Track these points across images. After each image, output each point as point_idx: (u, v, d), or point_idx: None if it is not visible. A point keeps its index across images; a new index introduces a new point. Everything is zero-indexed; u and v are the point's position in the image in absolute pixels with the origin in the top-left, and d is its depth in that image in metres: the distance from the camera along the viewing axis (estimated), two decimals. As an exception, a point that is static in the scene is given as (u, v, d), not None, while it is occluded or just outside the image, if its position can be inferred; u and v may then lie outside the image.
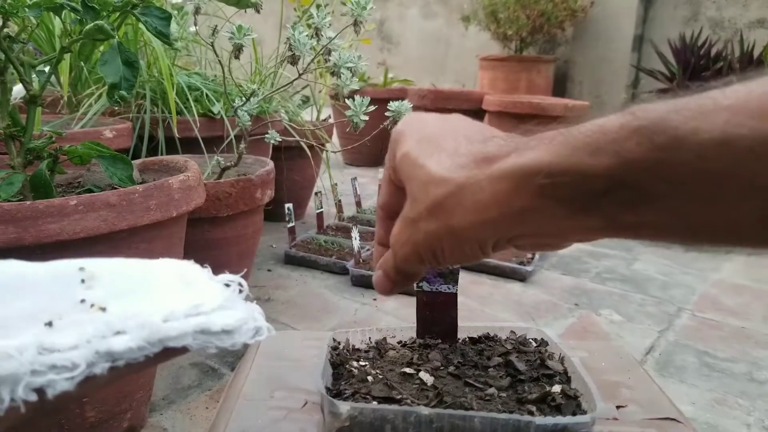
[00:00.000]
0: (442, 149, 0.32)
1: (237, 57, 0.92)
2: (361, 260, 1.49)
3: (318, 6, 0.90)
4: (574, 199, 0.26)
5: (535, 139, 0.28)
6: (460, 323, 0.51)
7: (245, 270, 0.30)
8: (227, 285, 0.29)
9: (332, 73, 0.95)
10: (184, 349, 0.25)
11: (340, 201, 1.88)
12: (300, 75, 0.99)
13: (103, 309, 0.26)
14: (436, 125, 0.35)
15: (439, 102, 2.75)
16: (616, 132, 0.25)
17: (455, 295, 0.50)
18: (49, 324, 0.23)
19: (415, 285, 0.50)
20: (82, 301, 0.26)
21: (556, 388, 0.43)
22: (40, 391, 0.20)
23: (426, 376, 0.45)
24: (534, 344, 0.51)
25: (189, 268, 0.31)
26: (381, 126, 1.01)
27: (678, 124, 0.23)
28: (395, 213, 0.36)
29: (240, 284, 0.29)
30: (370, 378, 0.44)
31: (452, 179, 0.30)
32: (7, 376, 0.20)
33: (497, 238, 0.30)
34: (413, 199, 0.32)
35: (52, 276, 0.28)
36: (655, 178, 0.24)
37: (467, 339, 0.52)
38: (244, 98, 1.05)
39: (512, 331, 0.54)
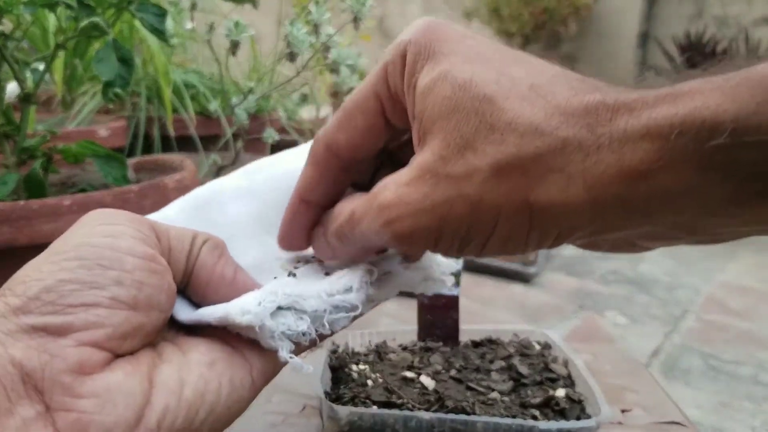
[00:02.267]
0: (519, 80, 0.21)
1: (234, 54, 0.91)
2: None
3: (317, 2, 0.89)
4: (760, 176, 0.17)
5: (694, 84, 0.19)
6: (461, 326, 0.51)
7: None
8: None
9: (331, 71, 0.94)
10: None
11: (340, 201, 1.88)
12: (299, 72, 0.98)
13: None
14: (490, 46, 0.23)
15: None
16: None
17: (457, 297, 0.50)
18: (293, 275, 0.27)
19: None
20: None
21: (560, 392, 0.43)
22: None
23: (427, 380, 0.44)
24: (537, 347, 0.51)
25: None
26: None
27: None
28: (360, 162, 0.26)
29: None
30: (369, 382, 0.44)
31: (550, 130, 0.20)
32: (314, 313, 0.24)
33: (595, 229, 0.21)
34: (459, 146, 0.21)
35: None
36: None
37: (469, 342, 0.51)
38: (241, 96, 1.04)
39: (515, 334, 0.53)
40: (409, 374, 0.45)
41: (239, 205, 0.29)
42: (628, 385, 0.51)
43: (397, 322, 1.29)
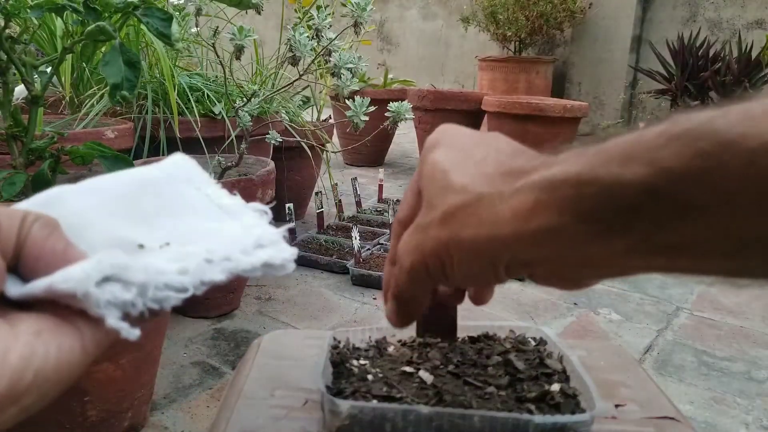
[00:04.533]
0: (469, 158, 0.30)
1: (238, 58, 0.92)
2: (361, 260, 1.49)
3: (318, 7, 0.90)
4: (601, 216, 0.23)
5: (566, 154, 0.26)
6: (459, 322, 0.51)
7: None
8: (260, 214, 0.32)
9: (332, 74, 0.95)
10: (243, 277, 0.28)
11: (340, 201, 1.89)
12: (300, 76, 1.00)
13: (167, 244, 0.28)
14: (472, 138, 0.33)
15: (438, 103, 2.75)
16: (653, 140, 0.22)
17: (455, 294, 0.50)
18: (141, 246, 0.28)
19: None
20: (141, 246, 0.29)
21: (555, 387, 0.43)
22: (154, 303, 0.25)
23: (425, 375, 0.45)
24: (533, 343, 0.52)
25: (222, 194, 0.33)
26: (381, 126, 1.01)
27: (724, 128, 0.21)
28: None
29: (266, 212, 0.32)
30: (370, 377, 0.45)
31: (472, 189, 0.28)
32: (142, 284, 0.24)
33: (510, 258, 0.28)
34: (428, 205, 0.31)
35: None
36: (697, 188, 0.21)
37: (466, 338, 0.52)
38: (245, 99, 1.05)
39: (511, 330, 0.54)
40: (408, 369, 0.46)
41: (81, 199, 0.29)
42: (622, 380, 0.52)
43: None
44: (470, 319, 0.51)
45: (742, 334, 1.29)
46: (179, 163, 0.34)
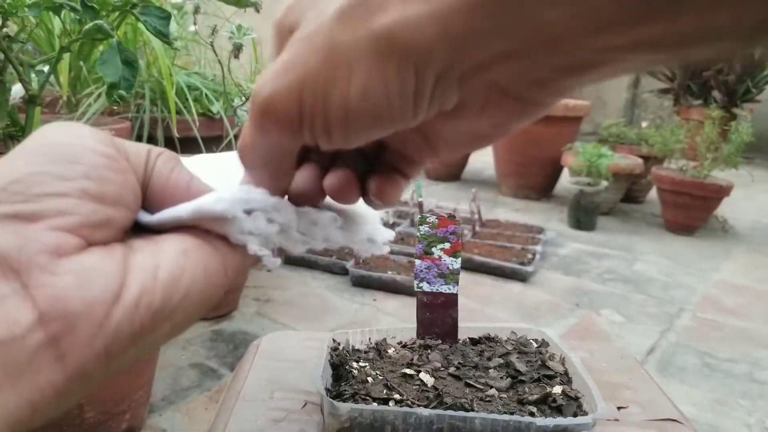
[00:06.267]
0: None
1: (237, 56, 0.92)
2: (361, 260, 1.49)
3: (318, 5, 0.89)
4: None
5: None
6: (460, 324, 0.51)
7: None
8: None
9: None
10: None
11: (340, 201, 1.89)
12: (300, 75, 0.99)
13: None
14: None
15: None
16: None
17: (455, 295, 0.50)
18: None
19: (415, 285, 0.50)
20: None
21: (557, 389, 0.43)
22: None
23: (426, 377, 0.44)
24: (535, 345, 0.51)
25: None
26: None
27: None
28: None
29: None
30: (370, 379, 0.44)
31: None
32: (284, 224, 0.26)
33: (454, 59, 0.18)
34: (309, 20, 0.21)
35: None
36: None
37: (467, 340, 0.52)
38: (243, 98, 1.05)
39: (513, 332, 0.53)
40: (409, 371, 0.45)
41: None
42: (625, 382, 0.51)
43: (396, 320, 1.30)
44: (471, 320, 0.51)
45: (745, 335, 1.29)
46: None
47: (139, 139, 1.21)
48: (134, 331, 0.21)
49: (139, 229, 0.25)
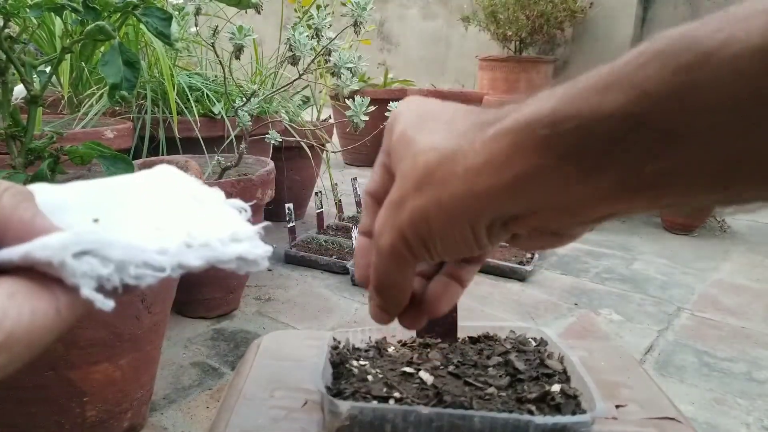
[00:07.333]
0: (435, 120, 0.29)
1: (238, 57, 0.92)
2: (361, 260, 1.49)
3: (318, 7, 0.90)
4: (583, 153, 0.22)
5: (541, 93, 0.24)
6: (459, 323, 0.51)
7: (245, 271, 0.31)
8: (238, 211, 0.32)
9: (332, 74, 0.95)
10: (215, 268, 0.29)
11: (340, 201, 1.89)
12: (300, 75, 1.00)
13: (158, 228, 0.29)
14: (437, 104, 0.31)
15: (439, 102, 2.76)
16: (632, 60, 0.20)
17: (455, 294, 0.50)
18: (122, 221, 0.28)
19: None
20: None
21: (556, 388, 0.43)
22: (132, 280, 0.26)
23: (426, 376, 0.45)
24: (533, 344, 0.52)
25: (203, 190, 0.33)
26: (381, 126, 1.01)
27: (705, 36, 0.19)
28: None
29: (245, 210, 0.32)
30: (370, 377, 0.45)
31: (443, 146, 0.26)
32: (120, 261, 0.25)
33: (492, 217, 0.26)
34: (401, 178, 0.28)
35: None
36: (680, 110, 0.19)
37: (467, 338, 0.52)
38: (244, 98, 1.05)
39: (512, 331, 0.54)
40: (409, 370, 0.46)
41: (60, 189, 0.30)
42: (623, 381, 0.52)
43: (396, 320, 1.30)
44: (471, 319, 0.51)
45: (743, 334, 1.29)
46: (162, 168, 0.35)
47: (141, 139, 1.22)
48: None
49: None
